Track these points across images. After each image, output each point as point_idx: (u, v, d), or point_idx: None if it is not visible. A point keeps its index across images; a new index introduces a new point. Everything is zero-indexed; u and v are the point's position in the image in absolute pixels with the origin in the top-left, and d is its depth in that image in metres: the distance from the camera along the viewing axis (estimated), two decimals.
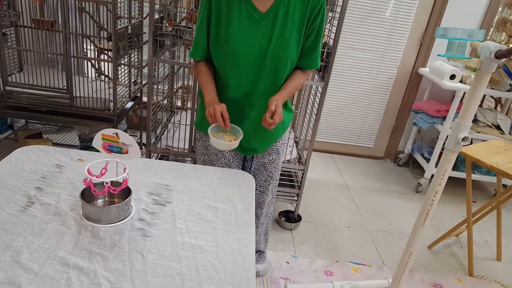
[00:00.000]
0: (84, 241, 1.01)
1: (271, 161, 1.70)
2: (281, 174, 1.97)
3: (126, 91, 2.52)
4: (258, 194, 1.76)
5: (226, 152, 1.64)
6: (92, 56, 2.73)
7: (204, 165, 1.67)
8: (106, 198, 1.20)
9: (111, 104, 2.24)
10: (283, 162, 2.11)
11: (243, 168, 1.74)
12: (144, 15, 2.58)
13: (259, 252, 2.05)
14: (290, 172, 2.72)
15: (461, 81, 2.88)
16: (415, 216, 1.55)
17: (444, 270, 2.33)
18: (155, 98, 2.31)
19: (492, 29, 3.18)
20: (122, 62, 2.45)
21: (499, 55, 1.19)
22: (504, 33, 3.13)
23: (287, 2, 1.37)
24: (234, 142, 1.36)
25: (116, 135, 1.12)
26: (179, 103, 3.07)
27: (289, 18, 1.37)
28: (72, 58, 2.17)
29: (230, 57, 1.40)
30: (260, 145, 1.63)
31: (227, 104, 1.40)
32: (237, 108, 1.49)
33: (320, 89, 2.19)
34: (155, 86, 2.28)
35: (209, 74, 1.48)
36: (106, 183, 1.09)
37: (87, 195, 1.11)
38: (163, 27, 2.21)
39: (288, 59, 1.43)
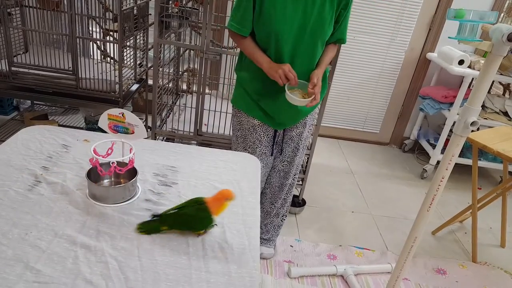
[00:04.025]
0: (92, 220, 1.02)
1: (298, 134, 1.81)
2: None
3: (132, 73, 2.51)
4: (286, 164, 1.88)
5: (258, 127, 1.75)
6: (98, 37, 2.71)
7: (237, 140, 1.81)
8: (112, 179, 1.20)
9: (117, 86, 2.23)
10: None
11: (274, 142, 1.83)
12: None
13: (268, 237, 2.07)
14: None
15: (469, 67, 2.84)
16: (419, 202, 1.54)
17: (448, 255, 2.34)
18: (160, 80, 2.30)
19: (502, 14, 3.12)
20: (128, 43, 2.43)
21: (511, 38, 1.16)
22: None
23: None
24: (308, 99, 1.51)
25: (122, 115, 1.12)
26: (184, 86, 3.05)
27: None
28: (77, 39, 2.15)
29: (273, 32, 1.51)
30: (291, 119, 1.75)
31: (266, 76, 1.55)
32: (274, 81, 1.56)
33: (327, 73, 2.16)
34: (161, 69, 2.26)
35: (257, 46, 1.59)
36: (112, 163, 1.10)
37: (93, 175, 1.11)
38: (169, 8, 2.18)
39: (324, 36, 1.57)
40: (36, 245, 0.92)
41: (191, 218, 1.00)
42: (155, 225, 1.02)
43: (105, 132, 1.17)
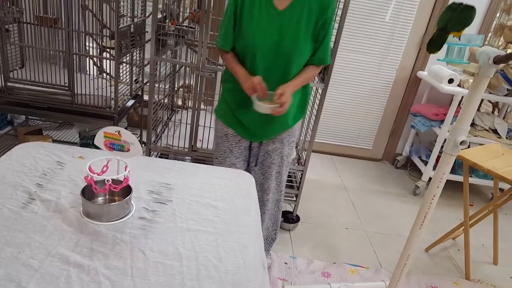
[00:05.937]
0: (85, 239, 1.01)
1: (274, 149, 1.83)
2: None
3: (127, 89, 2.53)
4: (263, 180, 1.90)
5: (231, 136, 1.79)
6: (94, 54, 2.74)
7: (214, 148, 1.85)
8: (107, 196, 1.20)
9: (112, 101, 2.25)
10: None
11: (250, 155, 1.87)
12: (147, 14, 2.59)
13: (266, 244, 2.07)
14: (289, 172, 2.72)
15: (459, 85, 2.90)
16: (412, 219, 1.56)
17: (441, 273, 2.35)
18: (156, 96, 2.32)
19: (490, 34, 3.20)
20: (124, 60, 2.46)
21: (497, 60, 1.20)
22: (501, 38, 3.15)
23: (302, 2, 1.53)
24: (274, 105, 1.54)
25: (118, 133, 1.13)
26: (180, 102, 3.07)
27: (303, 17, 1.54)
28: (74, 56, 2.17)
29: (249, 47, 1.58)
30: (265, 132, 1.78)
31: (242, 90, 1.60)
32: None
33: (320, 91, 2.20)
34: (157, 85, 2.28)
35: (237, 60, 1.67)
36: (107, 181, 1.10)
37: (87, 193, 1.12)
38: (166, 27, 2.22)
39: (298, 54, 1.60)
40: (28, 264, 0.91)
41: None
42: None
43: (100, 148, 1.18)
